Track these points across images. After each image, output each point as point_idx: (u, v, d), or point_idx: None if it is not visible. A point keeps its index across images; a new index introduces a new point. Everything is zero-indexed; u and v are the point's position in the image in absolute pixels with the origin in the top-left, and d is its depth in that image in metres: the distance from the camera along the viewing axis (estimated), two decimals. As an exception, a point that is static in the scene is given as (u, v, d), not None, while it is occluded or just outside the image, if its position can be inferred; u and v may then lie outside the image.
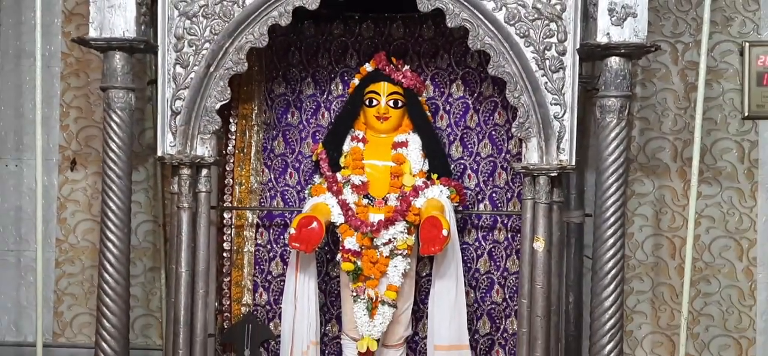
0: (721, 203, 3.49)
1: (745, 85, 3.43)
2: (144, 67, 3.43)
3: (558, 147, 2.83)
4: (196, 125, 2.91)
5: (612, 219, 2.80)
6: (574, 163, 2.86)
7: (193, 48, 2.89)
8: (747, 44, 3.41)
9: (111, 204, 2.88)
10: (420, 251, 3.06)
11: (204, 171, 2.96)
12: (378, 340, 3.13)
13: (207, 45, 2.88)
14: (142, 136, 3.53)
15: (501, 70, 2.84)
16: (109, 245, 2.88)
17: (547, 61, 2.81)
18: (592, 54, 2.82)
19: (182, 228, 2.94)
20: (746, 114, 3.45)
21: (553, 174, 2.85)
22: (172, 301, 2.99)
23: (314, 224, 3.02)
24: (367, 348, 3.12)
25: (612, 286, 2.80)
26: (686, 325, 3.19)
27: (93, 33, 2.83)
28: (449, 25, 2.85)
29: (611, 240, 2.80)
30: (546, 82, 2.81)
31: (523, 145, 2.89)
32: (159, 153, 2.95)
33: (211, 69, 2.89)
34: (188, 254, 2.95)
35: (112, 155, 2.87)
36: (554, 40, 2.80)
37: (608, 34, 2.72)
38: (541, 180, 2.86)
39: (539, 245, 2.87)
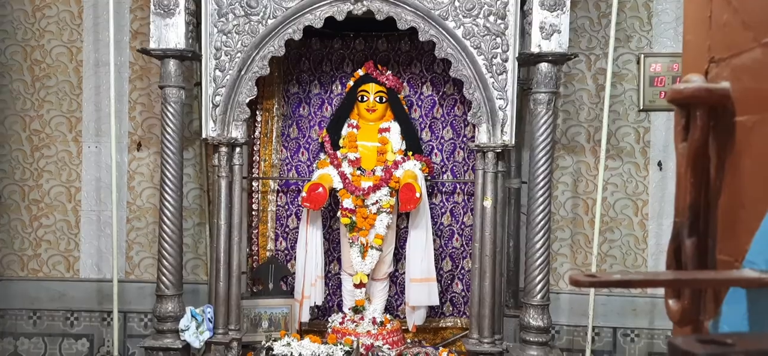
0: (622, 173, 3.50)
1: (640, 86, 3.42)
2: (191, 73, 3.38)
3: (502, 130, 2.83)
4: (231, 114, 2.89)
5: (541, 185, 2.80)
6: (513, 142, 2.86)
7: (229, 57, 2.85)
8: (643, 55, 3.40)
9: (168, 175, 2.85)
10: (399, 208, 3.06)
11: (237, 149, 2.94)
12: (368, 275, 3.14)
13: (239, 54, 2.85)
14: (191, 125, 3.49)
15: (460, 73, 2.82)
16: (167, 205, 2.86)
17: (494, 66, 2.80)
18: (527, 61, 2.81)
19: (221, 192, 2.93)
20: (641, 107, 3.44)
21: (498, 150, 2.85)
22: (215, 246, 2.98)
23: (320, 189, 3.01)
24: (360, 280, 3.12)
25: (541, 234, 2.81)
26: (596, 263, 3.21)
27: (153, 45, 2.79)
28: (421, 39, 2.83)
29: (541, 201, 2.81)
30: (493, 82, 2.80)
31: (476, 129, 2.88)
32: (203, 135, 2.92)
33: (242, 72, 2.86)
34: (226, 211, 2.93)
35: (168, 137, 2.84)
36: (499, 50, 2.79)
37: (539, 45, 2.71)
38: (489, 155, 2.86)
39: (488, 203, 2.88)
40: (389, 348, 3.01)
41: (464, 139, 3.37)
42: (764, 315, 0.75)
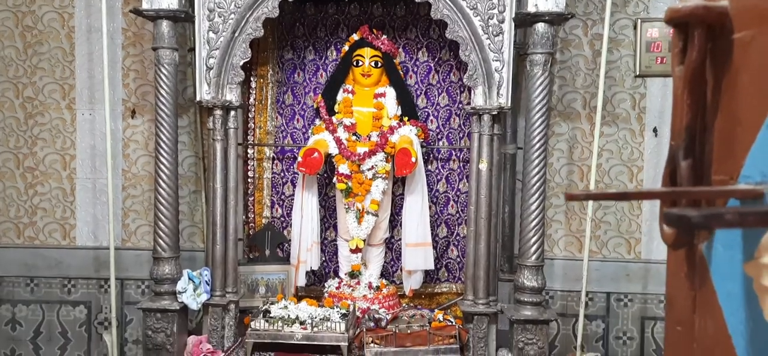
0: (617, 139, 3.49)
1: (637, 51, 3.40)
2: (185, 39, 3.35)
3: (498, 93, 2.81)
4: (225, 77, 2.86)
5: (537, 151, 2.80)
6: (509, 104, 2.84)
7: (222, 18, 2.82)
8: (639, 20, 3.38)
9: (162, 137, 2.83)
10: (395, 173, 3.05)
11: (232, 113, 2.92)
12: (364, 240, 3.14)
13: (232, 15, 2.82)
14: (185, 92, 3.46)
15: (456, 34, 2.80)
16: (162, 167, 2.84)
17: (491, 28, 2.77)
18: (524, 21, 2.78)
19: (217, 155, 2.91)
20: (637, 73, 3.43)
21: (494, 113, 2.84)
22: (211, 210, 2.97)
23: (316, 154, 2.99)
24: (357, 246, 3.12)
25: (536, 200, 2.81)
26: (590, 229, 3.21)
27: (145, 5, 2.76)
28: (416, 0, 2.80)
29: (536, 166, 2.80)
30: (489, 44, 2.78)
31: (472, 91, 2.86)
32: (198, 98, 2.90)
33: (236, 34, 2.83)
34: (222, 174, 2.92)
35: (162, 99, 2.82)
36: (496, 11, 2.76)
37: (536, 5, 2.69)
38: (485, 117, 2.84)
39: (483, 165, 2.87)
40: (385, 312, 3.01)
41: (460, 105, 3.35)
42: (759, 230, 0.74)
